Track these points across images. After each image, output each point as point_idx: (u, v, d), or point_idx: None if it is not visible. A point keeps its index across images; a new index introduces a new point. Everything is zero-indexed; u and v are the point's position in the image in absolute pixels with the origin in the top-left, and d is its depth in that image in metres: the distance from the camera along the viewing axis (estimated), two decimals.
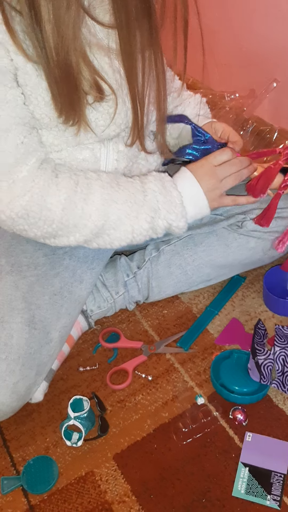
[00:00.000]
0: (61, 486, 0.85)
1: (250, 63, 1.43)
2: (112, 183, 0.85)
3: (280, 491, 0.80)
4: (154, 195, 0.85)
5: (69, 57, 0.70)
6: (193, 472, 0.84)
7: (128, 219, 0.84)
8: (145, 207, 0.85)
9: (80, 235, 0.84)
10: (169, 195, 0.86)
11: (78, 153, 0.86)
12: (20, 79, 0.74)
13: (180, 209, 0.87)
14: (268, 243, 1.03)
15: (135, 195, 0.85)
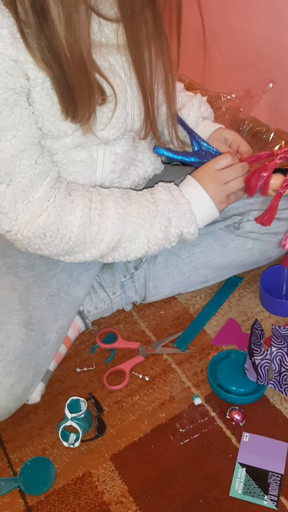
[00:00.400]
0: (58, 487, 0.85)
1: (247, 64, 1.44)
2: (124, 197, 0.87)
3: (277, 491, 0.80)
4: (165, 204, 0.87)
5: (82, 54, 0.71)
6: (190, 473, 0.84)
7: (143, 230, 0.86)
8: (158, 217, 0.87)
9: (97, 250, 0.86)
10: (178, 202, 0.88)
11: (76, 155, 0.85)
12: (33, 94, 0.74)
13: (189, 216, 0.88)
14: (265, 244, 1.03)
15: (147, 207, 0.87)
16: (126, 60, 0.80)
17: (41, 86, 0.74)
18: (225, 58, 1.50)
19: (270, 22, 1.30)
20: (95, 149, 0.86)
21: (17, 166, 0.76)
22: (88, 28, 0.71)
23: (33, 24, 0.68)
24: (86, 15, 0.70)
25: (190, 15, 1.41)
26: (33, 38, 0.69)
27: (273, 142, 1.40)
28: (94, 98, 0.76)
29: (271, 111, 1.43)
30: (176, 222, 0.88)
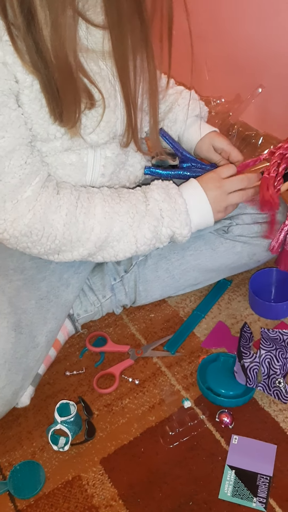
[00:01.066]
0: (48, 490, 0.84)
1: (236, 69, 1.45)
2: (113, 195, 0.86)
3: (266, 493, 0.81)
4: (157, 203, 0.86)
5: (68, 59, 0.71)
6: (180, 476, 0.84)
7: (131, 229, 0.85)
8: (147, 216, 0.86)
9: (84, 249, 0.85)
10: (174, 202, 0.87)
11: (66, 158, 0.86)
12: (22, 97, 0.74)
13: (184, 217, 0.87)
14: (254, 247, 1.04)
15: (136, 206, 0.86)
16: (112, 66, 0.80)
17: (30, 89, 0.74)
18: (215, 63, 1.51)
19: (259, 27, 1.31)
20: (85, 152, 0.87)
21: (6, 166, 0.76)
22: (75, 33, 0.71)
23: (21, 27, 0.68)
24: (73, 20, 0.69)
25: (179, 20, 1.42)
26: (21, 41, 0.69)
27: (262, 146, 1.41)
28: (80, 103, 0.76)
29: (260, 115, 1.44)
30: (168, 222, 0.87)
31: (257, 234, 1.03)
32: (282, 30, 1.25)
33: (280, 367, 0.93)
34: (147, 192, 0.88)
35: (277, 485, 0.82)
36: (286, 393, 0.90)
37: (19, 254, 0.92)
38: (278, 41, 1.27)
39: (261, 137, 1.41)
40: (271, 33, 1.29)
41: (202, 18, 1.47)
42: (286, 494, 0.81)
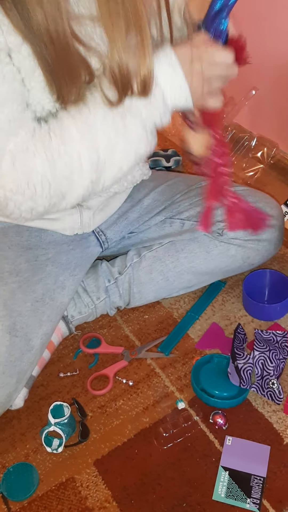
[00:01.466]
0: (42, 493, 0.84)
1: None
2: (82, 110, 0.74)
3: (259, 494, 0.81)
4: (130, 100, 0.74)
5: (58, 27, 0.66)
6: (173, 477, 0.84)
7: (118, 135, 0.75)
8: (128, 116, 0.75)
9: (84, 179, 0.75)
10: (149, 94, 0.74)
11: None
12: (15, 61, 0.69)
13: (163, 109, 0.76)
14: (248, 251, 1.04)
15: (111, 110, 0.74)
16: None
17: (28, 59, 0.69)
18: None
19: (252, 30, 1.32)
20: None
21: None
22: None
23: None
24: None
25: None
26: (12, 7, 0.65)
27: (256, 148, 1.41)
28: (80, 76, 0.71)
29: (253, 118, 1.44)
30: (148, 115, 0.76)
31: (252, 237, 1.03)
32: (276, 32, 1.25)
33: (274, 368, 0.93)
34: None
35: (270, 486, 0.82)
36: (280, 394, 0.91)
37: (14, 257, 0.91)
38: (272, 43, 1.28)
39: (254, 139, 1.42)
40: (264, 36, 1.29)
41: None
42: (279, 495, 0.81)
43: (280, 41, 1.25)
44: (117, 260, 1.08)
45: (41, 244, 0.96)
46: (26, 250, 0.89)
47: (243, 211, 0.89)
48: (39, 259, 0.93)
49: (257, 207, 1.02)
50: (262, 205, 1.05)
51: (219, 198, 0.88)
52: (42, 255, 0.93)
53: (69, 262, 0.96)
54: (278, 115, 1.37)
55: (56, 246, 0.97)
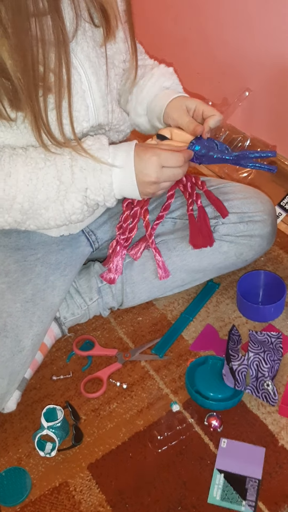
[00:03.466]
0: (34, 497, 0.83)
1: (223, 73, 1.45)
2: (38, 159, 0.79)
3: (255, 497, 0.80)
4: (83, 174, 0.80)
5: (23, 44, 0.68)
6: (168, 480, 0.84)
7: (57, 199, 0.80)
8: (73, 186, 0.80)
9: (9, 216, 0.80)
10: (98, 176, 0.80)
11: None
12: None
13: (108, 192, 0.81)
14: (240, 247, 1.04)
15: (62, 173, 0.79)
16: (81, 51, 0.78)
17: None
18: (202, 67, 1.52)
19: (246, 32, 1.32)
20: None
21: None
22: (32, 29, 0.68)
23: None
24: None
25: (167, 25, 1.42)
26: None
27: (249, 149, 1.41)
28: (36, 98, 0.73)
29: (247, 119, 1.45)
30: (90, 195, 0.81)
31: (244, 233, 1.03)
32: (269, 34, 1.26)
33: (268, 370, 0.93)
34: (73, 157, 0.80)
35: (266, 488, 0.81)
36: (274, 395, 0.90)
37: (3, 257, 0.91)
38: (264, 45, 1.28)
39: (248, 140, 1.42)
40: (257, 38, 1.29)
41: (189, 22, 1.48)
42: (275, 497, 0.80)
43: (273, 42, 1.25)
44: None
45: (29, 245, 0.95)
46: (15, 251, 0.88)
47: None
48: (28, 259, 0.92)
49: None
50: (254, 200, 1.05)
51: None
52: (31, 255, 0.92)
53: (58, 262, 0.96)
54: (271, 116, 1.38)
55: (45, 246, 0.97)
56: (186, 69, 1.59)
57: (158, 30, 1.57)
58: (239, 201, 1.03)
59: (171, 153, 0.84)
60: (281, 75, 1.27)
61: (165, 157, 0.82)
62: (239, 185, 1.09)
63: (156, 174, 0.82)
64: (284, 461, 0.84)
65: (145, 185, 0.83)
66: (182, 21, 1.51)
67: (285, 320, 1.06)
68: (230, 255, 1.04)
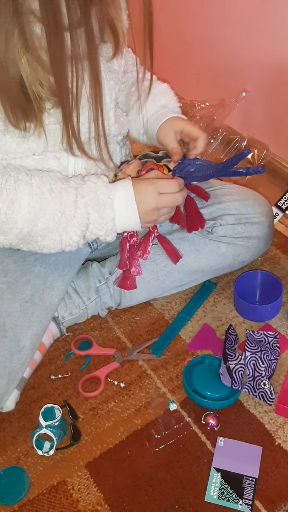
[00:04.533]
0: (33, 496, 0.83)
1: (220, 73, 1.46)
2: (44, 189, 0.81)
3: (252, 495, 0.81)
4: (86, 210, 0.83)
5: (7, 59, 0.69)
6: (166, 479, 0.84)
7: (57, 230, 0.83)
8: (74, 220, 0.83)
9: (5, 238, 0.82)
10: (102, 211, 0.84)
11: (45, 163, 0.85)
12: None
13: (110, 227, 0.86)
14: (238, 248, 1.05)
15: (66, 206, 0.82)
16: None
17: None
18: (200, 67, 1.52)
19: (243, 33, 1.32)
20: (66, 156, 0.86)
21: None
22: (18, 27, 0.68)
23: None
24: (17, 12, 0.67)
25: (164, 26, 1.43)
26: None
27: (245, 149, 1.42)
28: (34, 107, 0.75)
29: (244, 119, 1.45)
30: (93, 229, 0.85)
31: (241, 234, 1.03)
32: (266, 35, 1.26)
33: (265, 369, 0.93)
34: (79, 193, 0.83)
35: (262, 486, 0.82)
36: (271, 395, 0.91)
37: (2, 257, 0.91)
38: (261, 46, 1.29)
39: (244, 140, 1.42)
40: (254, 39, 1.30)
41: (187, 24, 1.49)
42: (272, 496, 0.81)
43: (270, 43, 1.26)
44: (108, 261, 1.07)
45: None
46: (14, 251, 0.89)
47: None
48: (27, 259, 0.93)
49: None
50: (251, 202, 1.05)
51: None
52: (30, 255, 0.93)
53: (57, 263, 0.96)
54: (268, 117, 1.38)
55: None
56: (183, 70, 1.60)
57: (156, 31, 1.57)
58: (236, 202, 1.04)
59: (166, 180, 0.90)
60: (277, 76, 1.28)
61: (161, 184, 0.88)
62: (237, 187, 1.10)
63: (156, 200, 0.87)
64: (281, 460, 0.85)
65: (147, 213, 0.88)
66: (180, 23, 1.51)
67: (281, 319, 1.07)
68: (227, 256, 1.05)
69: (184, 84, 1.60)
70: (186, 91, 1.61)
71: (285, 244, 1.24)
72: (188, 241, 1.04)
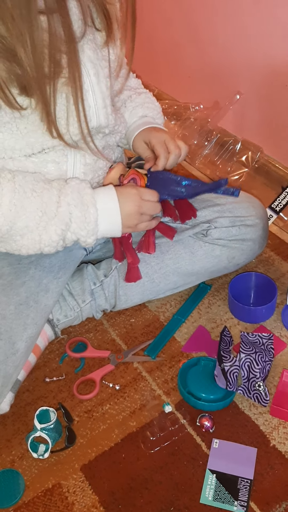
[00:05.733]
0: (28, 499, 0.83)
1: (214, 76, 1.46)
2: (26, 188, 0.81)
3: (246, 497, 0.81)
4: (68, 208, 0.83)
5: None
6: (161, 481, 0.84)
7: (36, 229, 0.82)
8: (56, 219, 0.82)
9: None
10: (85, 210, 0.84)
11: (43, 166, 0.85)
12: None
13: (92, 227, 0.85)
14: (232, 251, 1.05)
15: (47, 205, 0.82)
16: None
17: None
18: (194, 70, 1.53)
19: (237, 35, 1.33)
20: (64, 160, 0.86)
21: None
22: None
23: None
24: None
25: (158, 28, 1.43)
26: None
27: (240, 152, 1.43)
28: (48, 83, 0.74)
29: (238, 122, 1.46)
30: (75, 228, 0.84)
31: (236, 237, 1.04)
32: (260, 38, 1.27)
33: (260, 371, 0.94)
34: (61, 193, 0.83)
35: (257, 488, 0.82)
36: (266, 396, 0.91)
37: None
38: (255, 49, 1.29)
39: (239, 142, 1.43)
40: (249, 42, 1.31)
41: (181, 26, 1.49)
42: (266, 497, 0.81)
43: (264, 46, 1.27)
44: (103, 263, 1.07)
45: None
46: (9, 254, 0.88)
47: None
48: (22, 262, 0.92)
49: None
50: (246, 205, 1.06)
51: None
52: (25, 258, 0.93)
53: (52, 265, 0.96)
54: (262, 119, 1.39)
55: None
56: (177, 73, 1.60)
57: (150, 33, 1.58)
58: (231, 205, 1.05)
59: (147, 188, 0.93)
60: (271, 78, 1.29)
61: (142, 191, 0.91)
62: None
63: (139, 203, 0.89)
64: (276, 461, 0.85)
65: (129, 216, 0.89)
66: (174, 25, 1.52)
67: (276, 321, 1.07)
68: (222, 259, 1.05)
69: (178, 86, 1.61)
70: (180, 93, 1.62)
71: (279, 246, 1.24)
72: (183, 244, 1.04)
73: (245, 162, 1.42)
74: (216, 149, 1.47)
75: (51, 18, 0.69)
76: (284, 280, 1.14)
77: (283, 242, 1.25)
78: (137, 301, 1.09)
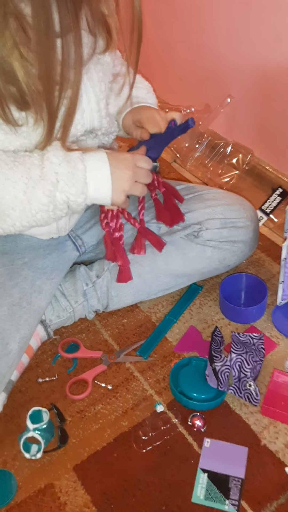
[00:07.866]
0: (20, 499, 0.83)
1: (205, 79, 1.47)
2: (8, 160, 0.79)
3: (238, 496, 0.82)
4: (52, 167, 0.79)
5: None
6: (153, 481, 0.85)
7: (25, 195, 0.79)
8: (42, 181, 0.79)
9: None
10: (73, 167, 0.80)
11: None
12: None
13: (81, 184, 0.81)
14: (223, 252, 1.06)
15: (31, 170, 0.79)
16: None
17: None
18: (185, 73, 1.54)
19: (228, 38, 1.34)
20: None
21: None
22: None
23: None
24: None
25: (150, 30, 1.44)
26: None
27: (231, 155, 1.44)
28: None
29: (229, 125, 1.47)
30: (63, 186, 0.80)
31: (227, 238, 1.05)
32: (251, 41, 1.28)
33: (251, 370, 0.94)
34: (43, 154, 0.80)
35: (248, 487, 0.83)
36: (257, 396, 0.92)
37: None
38: (246, 52, 1.31)
39: (229, 145, 1.44)
40: (240, 45, 1.32)
41: (172, 29, 1.50)
42: (257, 496, 0.82)
43: (255, 49, 1.28)
44: (95, 264, 1.08)
45: (17, 249, 0.95)
46: (2, 255, 0.88)
47: None
48: (15, 263, 0.92)
49: None
50: (237, 207, 1.07)
51: None
52: (18, 259, 0.93)
53: (45, 267, 0.96)
54: (253, 122, 1.40)
55: (32, 251, 0.97)
56: (168, 75, 1.61)
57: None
58: (222, 207, 1.05)
59: (141, 155, 0.91)
60: (262, 81, 1.30)
61: (137, 157, 0.89)
62: (222, 192, 1.11)
63: (132, 169, 0.86)
64: (267, 460, 0.86)
65: (121, 180, 0.85)
66: (165, 27, 1.53)
67: (266, 321, 1.08)
68: (213, 260, 1.06)
69: (169, 89, 1.62)
70: (171, 96, 1.63)
71: (269, 247, 1.25)
72: (175, 245, 1.05)
73: (236, 165, 1.43)
74: (207, 151, 1.48)
75: (65, 39, 0.69)
76: (274, 281, 1.16)
77: (274, 243, 1.26)
78: (129, 302, 1.09)
